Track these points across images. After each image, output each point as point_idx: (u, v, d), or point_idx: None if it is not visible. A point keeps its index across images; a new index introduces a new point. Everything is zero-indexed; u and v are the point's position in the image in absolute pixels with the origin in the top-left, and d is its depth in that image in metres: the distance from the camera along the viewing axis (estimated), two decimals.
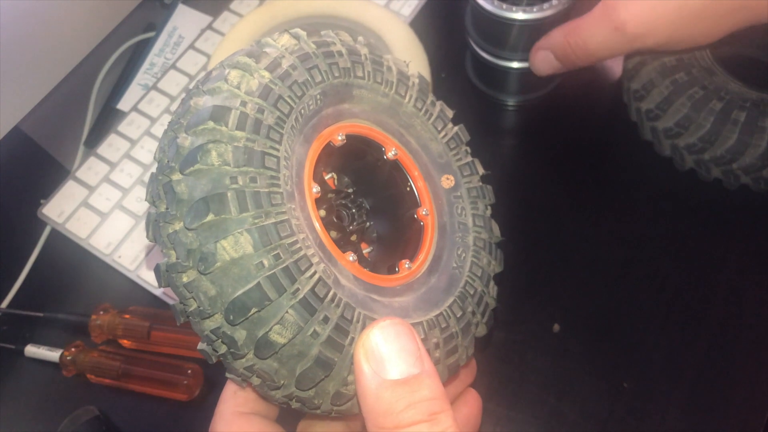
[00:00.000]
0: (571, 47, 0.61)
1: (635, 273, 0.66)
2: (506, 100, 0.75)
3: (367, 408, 0.34)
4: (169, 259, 0.35)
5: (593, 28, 0.59)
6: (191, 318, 0.36)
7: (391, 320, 0.36)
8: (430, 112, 0.48)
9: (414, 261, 0.45)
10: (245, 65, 0.38)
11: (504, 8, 0.63)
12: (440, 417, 0.33)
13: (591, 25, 0.59)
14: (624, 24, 0.56)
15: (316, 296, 0.35)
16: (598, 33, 0.59)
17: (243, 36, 0.73)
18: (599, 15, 0.58)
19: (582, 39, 0.60)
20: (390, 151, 0.46)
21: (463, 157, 0.49)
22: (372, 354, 0.35)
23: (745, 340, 0.62)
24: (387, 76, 0.45)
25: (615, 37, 0.58)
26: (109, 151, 0.74)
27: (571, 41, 0.60)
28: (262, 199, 0.34)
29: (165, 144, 0.37)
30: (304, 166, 0.40)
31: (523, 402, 0.61)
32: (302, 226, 0.36)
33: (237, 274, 0.33)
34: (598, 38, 0.59)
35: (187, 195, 0.34)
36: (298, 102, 0.39)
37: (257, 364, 0.35)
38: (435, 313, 0.41)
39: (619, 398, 0.61)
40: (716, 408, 0.60)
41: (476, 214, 0.48)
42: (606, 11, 0.57)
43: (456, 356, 0.42)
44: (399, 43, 0.72)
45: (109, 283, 0.69)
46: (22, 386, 0.65)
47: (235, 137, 0.35)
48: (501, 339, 0.63)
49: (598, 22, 0.58)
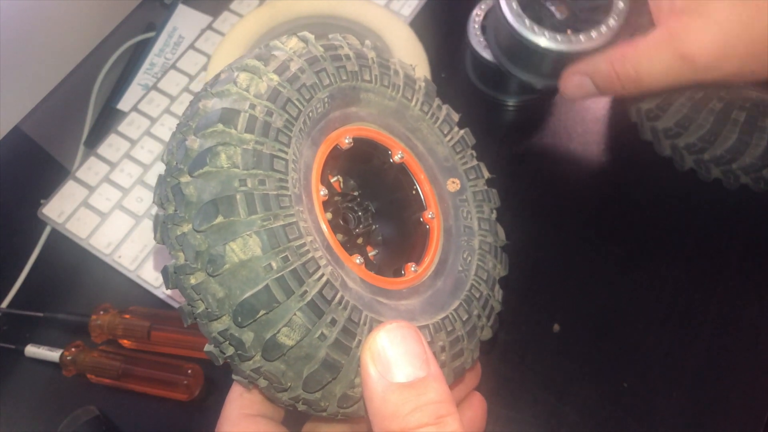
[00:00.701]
0: (619, 76, 0.55)
1: (635, 273, 0.66)
2: (506, 100, 0.75)
3: (374, 411, 0.34)
4: (177, 261, 0.36)
5: (652, 57, 0.53)
6: (199, 320, 0.36)
7: (398, 323, 0.36)
8: (437, 115, 0.48)
9: (420, 264, 0.45)
10: (254, 68, 0.38)
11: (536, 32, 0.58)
12: (447, 420, 0.33)
13: (650, 53, 0.53)
14: (694, 55, 0.51)
15: (324, 299, 0.35)
16: (658, 62, 0.53)
17: (243, 36, 0.73)
18: (661, 42, 0.52)
19: (635, 68, 0.54)
20: (396, 154, 0.46)
21: (469, 160, 0.49)
22: (379, 357, 0.35)
23: (744, 341, 0.62)
24: (394, 80, 0.45)
25: (679, 68, 0.52)
26: (109, 151, 0.74)
27: (619, 70, 0.55)
28: (271, 202, 0.35)
29: (173, 146, 0.37)
30: (312, 168, 0.40)
31: (523, 402, 0.61)
32: (310, 228, 0.37)
33: (245, 276, 0.33)
34: (658, 68, 0.53)
35: (196, 197, 0.34)
36: (306, 105, 0.39)
37: (264, 366, 0.35)
38: (441, 316, 0.41)
39: (619, 398, 0.61)
40: (716, 408, 0.60)
41: (482, 217, 0.48)
42: (671, 39, 0.52)
43: (462, 359, 0.42)
44: (399, 43, 0.72)
45: (109, 283, 0.69)
46: (22, 386, 0.65)
47: (244, 140, 0.35)
48: (501, 339, 0.63)
49: (660, 50, 0.53)
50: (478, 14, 0.74)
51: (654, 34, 0.53)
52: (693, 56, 0.51)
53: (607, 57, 0.56)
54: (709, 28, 0.50)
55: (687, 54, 0.51)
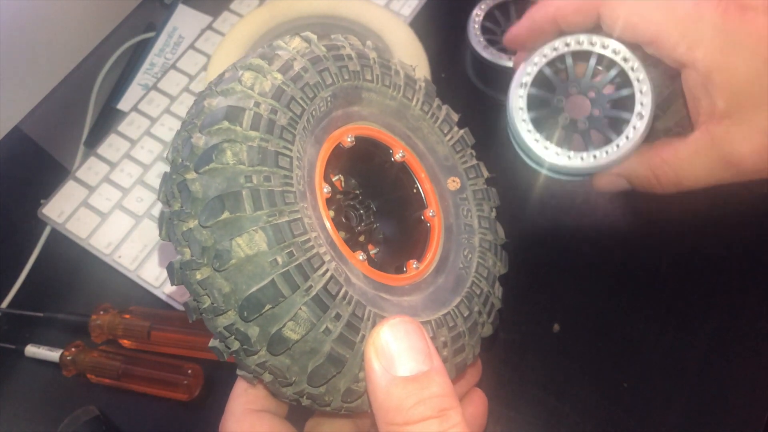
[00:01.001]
0: (659, 180, 0.53)
1: (635, 273, 0.66)
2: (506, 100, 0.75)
3: (378, 404, 0.35)
4: (182, 256, 0.36)
5: (694, 162, 0.51)
6: (204, 315, 0.36)
7: (401, 318, 0.37)
8: (437, 115, 0.49)
9: (422, 261, 0.45)
10: (258, 67, 0.39)
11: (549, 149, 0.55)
12: (449, 413, 0.34)
13: (691, 158, 0.51)
14: (738, 162, 0.49)
15: (329, 293, 0.35)
16: (700, 167, 0.51)
17: (243, 36, 0.73)
18: (704, 148, 0.50)
19: (676, 173, 0.52)
20: (397, 153, 0.47)
21: (469, 159, 0.50)
22: (382, 351, 0.35)
23: (744, 341, 0.62)
24: (395, 80, 0.46)
25: (723, 172, 0.50)
26: (109, 151, 0.74)
27: (659, 174, 0.53)
28: (276, 198, 0.35)
29: (179, 144, 0.38)
30: (315, 166, 0.41)
31: (523, 402, 0.61)
32: (314, 225, 0.37)
33: (251, 271, 0.34)
34: (700, 173, 0.51)
35: (202, 193, 0.35)
36: (309, 104, 0.40)
37: (270, 360, 0.35)
38: (443, 312, 0.42)
39: (619, 398, 0.61)
40: (716, 408, 0.60)
41: (482, 215, 0.49)
42: (713, 144, 0.50)
43: (463, 355, 0.43)
44: (399, 43, 0.72)
45: (109, 283, 0.69)
46: (22, 386, 0.65)
47: (249, 137, 0.36)
48: (501, 339, 0.64)
49: (703, 155, 0.51)
50: (478, 14, 0.75)
51: (695, 137, 0.51)
52: (737, 163, 0.50)
53: (645, 162, 0.54)
54: (754, 136, 0.48)
55: (731, 160, 0.50)
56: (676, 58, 0.49)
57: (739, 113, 0.48)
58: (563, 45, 0.54)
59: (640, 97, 0.53)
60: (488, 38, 0.74)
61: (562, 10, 0.52)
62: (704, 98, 0.49)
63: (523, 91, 0.55)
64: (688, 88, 0.50)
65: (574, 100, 0.56)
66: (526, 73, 0.55)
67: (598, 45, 0.53)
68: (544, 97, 0.56)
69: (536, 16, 0.54)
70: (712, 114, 0.49)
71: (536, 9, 0.54)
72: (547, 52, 0.55)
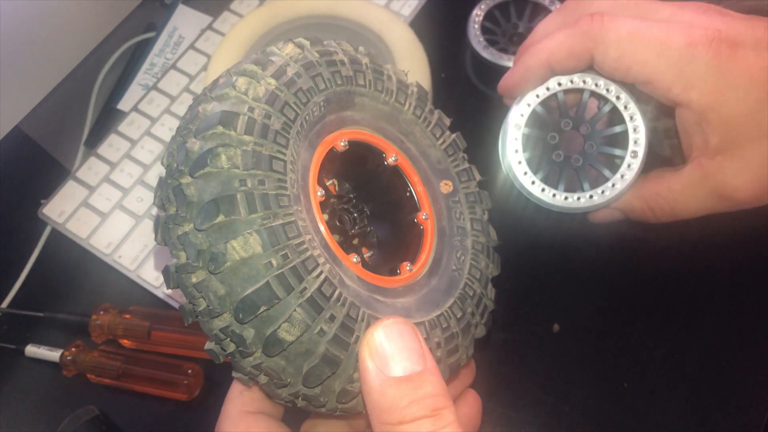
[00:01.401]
0: (654, 212, 0.55)
1: (635, 273, 0.66)
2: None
3: (372, 404, 0.35)
4: (178, 260, 0.36)
5: (688, 195, 0.53)
6: (200, 318, 0.37)
7: (395, 319, 0.37)
8: (429, 119, 0.49)
9: (415, 263, 0.46)
10: (252, 72, 0.39)
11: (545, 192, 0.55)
12: (443, 413, 0.34)
13: (685, 192, 0.53)
14: (731, 195, 0.51)
15: (323, 295, 0.35)
16: (694, 200, 0.53)
17: (243, 36, 0.73)
18: (697, 182, 0.52)
19: (670, 206, 0.54)
20: (390, 157, 0.47)
21: (461, 163, 0.51)
22: (376, 352, 0.36)
23: (744, 341, 0.62)
24: (387, 85, 0.46)
25: (716, 204, 0.52)
26: (110, 151, 0.74)
27: (654, 207, 0.54)
28: (271, 201, 0.35)
29: (174, 149, 0.38)
30: (309, 170, 0.41)
31: (523, 402, 0.61)
32: (308, 227, 0.37)
33: (246, 274, 0.34)
34: (694, 205, 0.53)
35: (197, 197, 0.35)
36: (303, 108, 0.40)
37: (265, 362, 0.36)
38: (436, 313, 0.42)
39: (619, 398, 0.61)
40: (716, 408, 0.60)
41: (474, 218, 0.49)
42: (706, 179, 0.51)
43: (457, 356, 0.43)
44: (399, 43, 0.72)
45: (109, 283, 0.69)
46: (22, 386, 0.65)
47: (243, 141, 0.36)
48: (501, 339, 0.63)
49: (696, 189, 0.52)
50: (478, 14, 0.75)
51: (688, 171, 0.52)
52: (730, 195, 0.51)
53: (639, 195, 0.55)
54: (747, 171, 0.50)
55: (725, 194, 0.51)
56: (671, 98, 0.50)
57: (732, 148, 0.50)
58: (556, 85, 0.54)
59: (633, 135, 0.53)
60: (488, 38, 0.74)
61: (555, 54, 0.52)
62: (697, 135, 0.50)
63: (518, 133, 0.55)
64: (682, 126, 0.51)
65: (568, 135, 0.56)
66: (519, 115, 0.55)
67: (591, 83, 0.53)
68: (538, 136, 0.56)
69: (529, 63, 0.54)
70: (705, 149, 0.50)
71: (529, 55, 0.54)
72: (540, 93, 0.55)
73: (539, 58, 0.53)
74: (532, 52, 0.53)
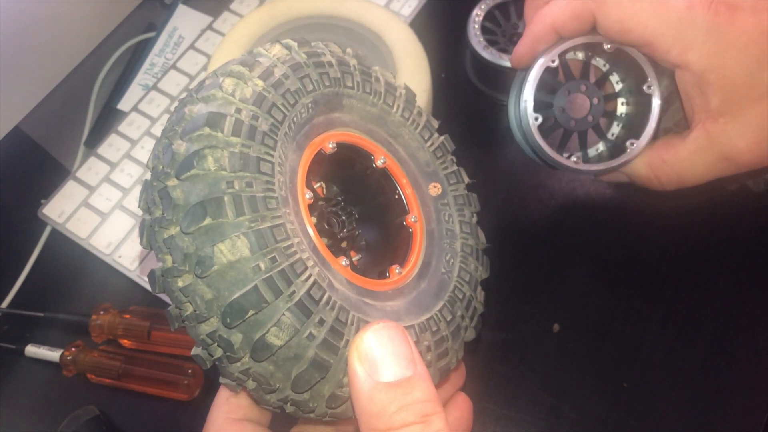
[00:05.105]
0: (660, 179, 0.56)
1: (635, 273, 0.66)
2: (506, 100, 0.74)
3: (361, 410, 0.34)
4: (164, 264, 0.36)
5: (694, 160, 0.54)
6: (187, 322, 0.36)
7: (384, 323, 0.37)
8: (417, 121, 0.49)
9: (404, 266, 0.45)
10: (239, 73, 0.39)
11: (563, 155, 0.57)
12: (433, 419, 0.34)
13: (691, 157, 0.53)
14: (736, 157, 0.52)
15: (312, 299, 0.35)
16: (701, 165, 0.53)
17: (243, 36, 0.73)
18: (702, 147, 0.52)
19: (677, 172, 0.55)
20: (379, 159, 0.47)
21: (450, 165, 0.50)
22: (366, 356, 0.35)
23: (744, 341, 0.62)
24: (375, 87, 0.46)
25: (722, 167, 0.53)
26: (110, 151, 0.74)
27: (660, 174, 0.56)
28: (258, 204, 0.35)
29: (159, 151, 0.37)
30: (297, 172, 0.41)
31: (523, 402, 0.61)
32: (297, 230, 0.37)
33: (234, 277, 0.33)
34: (701, 170, 0.54)
35: (183, 200, 0.35)
36: (290, 110, 0.40)
37: (253, 367, 0.35)
38: (426, 316, 0.42)
39: (619, 398, 0.61)
40: (716, 408, 0.60)
41: (463, 221, 0.49)
42: (711, 143, 0.52)
43: (447, 359, 0.43)
44: (399, 43, 0.72)
45: (109, 283, 0.69)
46: (22, 386, 0.65)
47: (230, 143, 0.36)
48: (501, 339, 0.63)
49: (702, 154, 0.53)
50: (478, 14, 0.74)
51: (693, 137, 0.53)
52: (735, 158, 0.52)
53: (646, 162, 0.56)
54: (749, 131, 0.50)
55: (729, 156, 0.52)
56: (670, 60, 0.51)
57: (733, 110, 0.50)
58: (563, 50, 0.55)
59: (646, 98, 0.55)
60: (488, 38, 0.74)
61: (559, 18, 0.53)
62: (698, 97, 0.51)
63: (530, 97, 0.56)
64: (683, 88, 0.52)
65: (574, 99, 0.57)
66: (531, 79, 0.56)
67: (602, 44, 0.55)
68: (545, 100, 0.57)
69: (536, 30, 0.55)
70: (707, 112, 0.51)
71: (534, 23, 0.55)
72: (548, 58, 0.55)
73: (545, 23, 0.54)
74: (537, 18, 0.55)
